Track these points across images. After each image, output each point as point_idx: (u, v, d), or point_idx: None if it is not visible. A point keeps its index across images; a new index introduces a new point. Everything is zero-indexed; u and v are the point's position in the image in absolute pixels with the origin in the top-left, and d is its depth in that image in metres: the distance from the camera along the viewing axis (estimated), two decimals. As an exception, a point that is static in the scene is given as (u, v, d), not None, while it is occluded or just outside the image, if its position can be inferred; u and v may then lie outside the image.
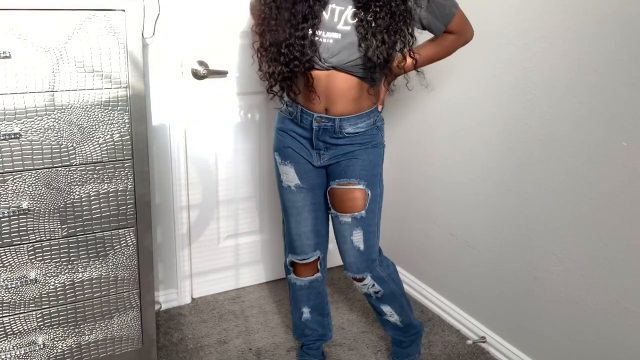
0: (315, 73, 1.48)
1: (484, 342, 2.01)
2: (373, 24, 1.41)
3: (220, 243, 2.30)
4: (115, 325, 1.69)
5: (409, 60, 1.52)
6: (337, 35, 1.44)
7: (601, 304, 1.59)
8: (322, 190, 1.68)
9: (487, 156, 1.91)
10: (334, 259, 2.56)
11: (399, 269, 2.46)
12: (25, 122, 1.41)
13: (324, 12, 1.44)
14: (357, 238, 1.63)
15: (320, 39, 1.44)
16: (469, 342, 2.01)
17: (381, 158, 1.64)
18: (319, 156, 1.60)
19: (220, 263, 2.32)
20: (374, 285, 1.70)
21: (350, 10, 1.44)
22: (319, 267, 1.77)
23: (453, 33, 1.55)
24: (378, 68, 1.45)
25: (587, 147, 1.57)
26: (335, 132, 1.54)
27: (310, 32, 1.42)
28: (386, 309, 1.77)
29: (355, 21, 1.43)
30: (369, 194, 1.60)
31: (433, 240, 2.22)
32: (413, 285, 2.36)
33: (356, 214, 1.61)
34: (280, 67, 1.46)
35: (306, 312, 1.83)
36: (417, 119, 2.21)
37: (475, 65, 1.90)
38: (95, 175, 1.53)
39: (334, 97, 1.51)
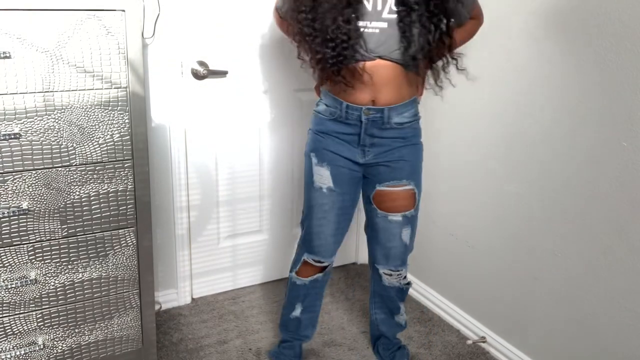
0: (360, 64, 1.46)
1: (484, 342, 2.01)
2: (414, 14, 1.41)
3: (220, 243, 2.30)
4: (115, 326, 1.69)
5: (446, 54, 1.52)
6: (383, 25, 1.43)
7: (601, 304, 1.59)
8: (352, 196, 1.67)
9: (487, 156, 1.91)
10: (341, 257, 2.56)
11: (399, 269, 2.46)
12: (25, 122, 1.41)
13: (365, 2, 1.43)
14: (406, 234, 1.69)
15: (366, 29, 1.43)
16: (469, 342, 2.01)
17: (422, 155, 1.67)
18: (364, 153, 1.59)
19: (220, 263, 2.32)
20: (405, 277, 1.79)
21: None
22: (325, 269, 1.78)
23: (474, 18, 1.59)
24: (420, 54, 1.45)
25: (587, 147, 1.57)
26: (384, 122, 1.53)
27: (354, 19, 1.41)
28: (402, 307, 1.86)
29: (399, 9, 1.42)
30: (417, 192, 1.65)
31: (433, 240, 2.22)
32: (413, 285, 2.35)
33: (407, 212, 1.65)
34: (329, 52, 1.43)
35: (297, 311, 1.83)
36: (417, 119, 2.21)
37: (475, 65, 1.90)
38: (95, 176, 1.53)
39: (381, 87, 1.49)
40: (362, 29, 1.43)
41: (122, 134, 1.53)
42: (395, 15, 1.42)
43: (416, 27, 1.41)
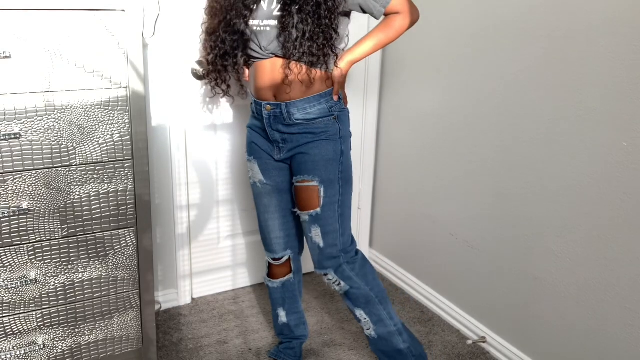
0: (259, 62, 1.52)
1: (484, 342, 2.01)
2: (296, 16, 1.41)
3: (220, 243, 2.30)
4: (115, 326, 1.69)
5: (336, 62, 1.51)
6: (273, 22, 1.46)
7: (601, 304, 1.59)
8: (285, 188, 1.68)
9: (487, 156, 1.91)
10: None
11: (399, 268, 2.46)
12: (25, 122, 1.41)
13: (262, 1, 1.47)
14: (316, 235, 1.59)
15: (259, 27, 1.47)
16: (469, 342, 2.01)
17: (338, 152, 1.56)
18: (279, 149, 1.60)
19: (220, 263, 2.32)
20: (337, 282, 1.63)
21: None
22: (291, 268, 1.78)
23: (397, 13, 1.50)
24: (303, 59, 1.44)
25: (587, 147, 1.57)
26: (285, 119, 1.53)
27: (243, 22, 1.47)
28: (359, 313, 1.66)
29: (282, 6, 1.44)
30: (322, 191, 1.55)
31: (433, 240, 2.22)
32: (413, 285, 2.36)
33: (312, 211, 1.57)
34: (214, 58, 1.55)
35: (282, 315, 1.86)
36: (417, 119, 2.21)
37: (476, 65, 1.90)
38: (95, 176, 1.53)
39: (279, 83, 1.51)
40: (255, 28, 1.47)
41: (122, 133, 1.53)
42: (280, 13, 1.45)
43: (293, 32, 1.42)
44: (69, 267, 1.57)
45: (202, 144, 2.13)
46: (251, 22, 1.48)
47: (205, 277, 2.30)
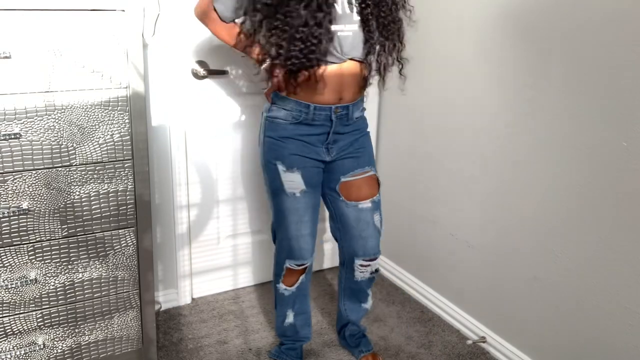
0: (330, 66, 1.49)
1: (484, 342, 2.01)
2: (374, 18, 1.48)
3: (220, 243, 2.30)
4: (115, 325, 1.69)
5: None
6: (355, 27, 1.48)
7: (601, 304, 1.59)
8: (318, 191, 1.69)
9: (487, 156, 1.91)
10: (334, 259, 2.56)
11: (399, 268, 2.47)
12: (25, 122, 1.41)
13: (336, 5, 1.44)
14: (377, 220, 1.73)
15: (341, 32, 1.46)
16: (469, 342, 2.01)
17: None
18: (328, 151, 1.62)
19: (220, 263, 2.32)
20: (377, 263, 1.80)
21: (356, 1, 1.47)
22: (307, 269, 1.78)
23: None
24: (379, 54, 1.53)
25: (587, 147, 1.57)
26: (348, 118, 1.59)
27: (327, 23, 1.40)
28: (370, 291, 1.88)
29: (362, 11, 1.48)
30: (378, 177, 1.73)
31: (433, 240, 2.22)
32: (413, 285, 2.36)
33: (374, 197, 1.71)
34: (294, 54, 1.41)
35: (290, 317, 1.85)
36: (417, 119, 2.21)
37: (476, 65, 1.90)
38: (95, 176, 1.53)
39: (346, 86, 1.54)
40: (338, 33, 1.45)
41: (122, 133, 1.53)
42: (360, 18, 1.48)
43: (375, 29, 1.48)
44: (69, 267, 1.57)
45: (202, 144, 2.13)
46: (334, 26, 1.43)
47: (205, 277, 2.30)
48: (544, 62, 1.66)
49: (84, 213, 1.54)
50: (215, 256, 2.30)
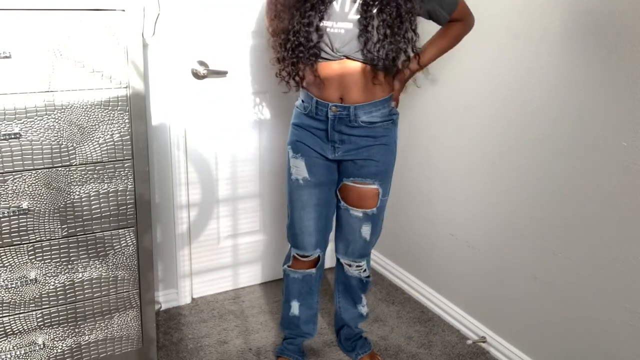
0: (327, 63, 1.51)
1: (484, 342, 2.01)
2: (377, 18, 1.44)
3: (220, 243, 2.30)
4: (115, 325, 1.69)
5: (413, 61, 1.56)
6: (349, 25, 1.47)
7: (601, 304, 1.59)
8: (330, 188, 1.69)
9: (487, 156, 1.91)
10: (334, 259, 2.56)
11: (399, 268, 2.47)
12: (25, 122, 1.41)
13: (334, 3, 1.47)
14: (366, 231, 1.71)
15: (332, 29, 1.47)
16: (469, 342, 2.01)
17: (394, 156, 1.67)
18: (334, 149, 1.62)
19: (220, 263, 2.32)
20: (365, 270, 1.82)
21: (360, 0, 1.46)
22: (316, 264, 1.79)
23: (458, 20, 1.58)
24: (380, 62, 1.47)
25: (587, 147, 1.57)
26: (351, 120, 1.56)
27: (317, 20, 1.46)
28: (364, 299, 1.90)
29: (364, 9, 1.45)
30: (381, 192, 1.66)
31: (433, 240, 2.22)
32: (413, 285, 2.36)
33: (368, 210, 1.67)
34: (286, 53, 1.51)
35: (295, 307, 1.86)
36: (417, 119, 2.21)
37: (476, 65, 1.90)
38: (95, 175, 1.53)
39: (347, 85, 1.53)
40: (327, 29, 1.47)
41: (122, 133, 1.53)
42: (359, 16, 1.46)
43: (374, 33, 1.45)
44: (69, 267, 1.57)
45: (202, 144, 2.13)
46: (324, 22, 1.47)
47: (205, 276, 2.30)
48: (542, 62, 1.66)
49: (84, 213, 1.54)
50: (215, 256, 2.30)
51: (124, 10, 1.44)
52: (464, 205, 2.04)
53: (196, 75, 2.03)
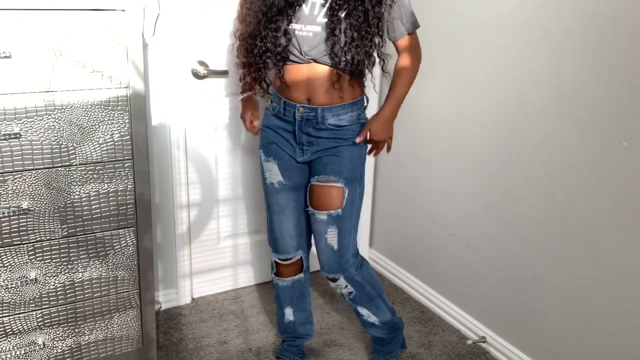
0: (295, 66, 1.52)
1: (484, 342, 2.01)
2: (344, 21, 1.43)
3: (221, 243, 2.30)
4: (115, 325, 1.69)
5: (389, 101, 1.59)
6: (317, 28, 1.47)
7: (601, 303, 1.59)
8: (305, 189, 1.68)
9: (487, 156, 1.91)
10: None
11: (399, 268, 2.46)
12: (25, 122, 1.41)
13: (304, 6, 1.47)
14: (332, 236, 1.60)
15: (301, 32, 1.47)
16: (469, 342, 2.01)
17: (363, 158, 1.63)
18: (302, 151, 1.61)
19: (220, 263, 2.32)
20: (346, 286, 1.68)
21: (329, 3, 1.46)
22: (301, 267, 1.78)
23: (408, 49, 1.56)
24: (347, 65, 1.47)
25: (587, 147, 1.57)
26: (318, 122, 1.55)
27: (285, 24, 1.46)
28: (363, 310, 1.75)
29: (331, 13, 1.45)
30: (347, 192, 1.58)
31: (433, 240, 2.22)
32: (413, 285, 2.36)
33: (332, 211, 1.58)
34: (253, 59, 1.52)
35: (289, 314, 1.85)
36: (417, 119, 2.21)
37: (476, 65, 1.90)
38: (95, 175, 1.53)
39: (315, 88, 1.53)
40: (296, 32, 1.47)
41: (122, 133, 1.53)
42: (327, 19, 1.45)
43: (341, 37, 1.44)
44: (69, 267, 1.57)
45: (202, 144, 2.13)
46: (292, 25, 1.47)
47: (205, 276, 2.30)
48: (542, 62, 1.66)
49: (84, 213, 1.54)
50: (215, 256, 2.30)
51: (124, 10, 1.43)
52: (464, 205, 2.04)
53: (196, 75, 2.03)
